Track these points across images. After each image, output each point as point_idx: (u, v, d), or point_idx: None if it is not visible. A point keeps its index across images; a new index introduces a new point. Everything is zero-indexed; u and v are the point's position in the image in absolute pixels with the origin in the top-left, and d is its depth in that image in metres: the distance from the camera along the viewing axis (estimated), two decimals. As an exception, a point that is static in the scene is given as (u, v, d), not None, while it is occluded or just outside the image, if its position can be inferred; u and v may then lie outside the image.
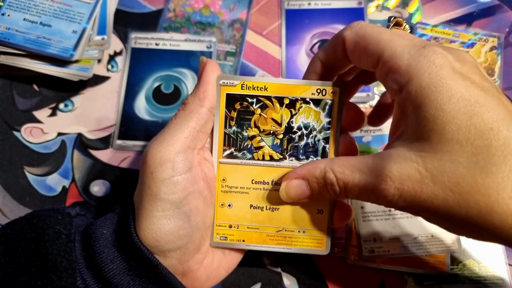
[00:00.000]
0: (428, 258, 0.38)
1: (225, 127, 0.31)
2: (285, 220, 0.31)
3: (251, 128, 0.31)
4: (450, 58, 0.24)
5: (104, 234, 0.28)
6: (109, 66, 0.46)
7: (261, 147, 0.31)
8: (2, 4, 0.45)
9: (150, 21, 0.48)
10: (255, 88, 0.30)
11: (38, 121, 0.44)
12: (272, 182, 0.31)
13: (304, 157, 0.31)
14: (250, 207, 0.32)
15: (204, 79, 0.30)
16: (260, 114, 0.31)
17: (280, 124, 0.31)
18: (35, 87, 0.46)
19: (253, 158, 0.31)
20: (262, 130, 0.31)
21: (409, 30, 0.29)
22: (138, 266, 0.27)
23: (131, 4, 0.49)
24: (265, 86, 0.30)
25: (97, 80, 0.46)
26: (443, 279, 0.38)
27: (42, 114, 0.44)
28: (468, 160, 0.22)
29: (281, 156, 0.31)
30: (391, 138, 0.27)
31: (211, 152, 0.31)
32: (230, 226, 0.31)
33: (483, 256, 0.38)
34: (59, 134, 0.44)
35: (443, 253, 0.38)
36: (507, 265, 0.38)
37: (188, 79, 0.46)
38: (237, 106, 0.31)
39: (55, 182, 0.42)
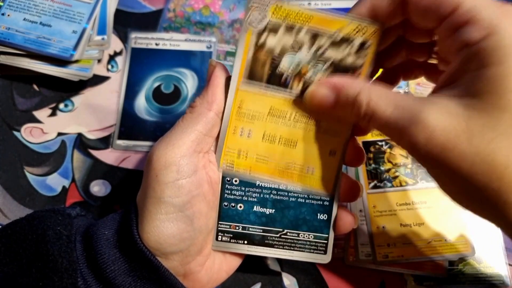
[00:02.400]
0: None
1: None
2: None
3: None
4: None
5: (106, 235, 0.28)
6: (109, 66, 0.46)
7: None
8: (2, 4, 0.45)
9: (150, 21, 0.48)
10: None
11: (38, 121, 0.44)
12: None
13: None
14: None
15: (213, 83, 0.29)
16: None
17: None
18: (35, 87, 0.46)
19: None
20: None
21: None
22: (140, 267, 0.27)
23: (131, 4, 0.49)
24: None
25: (97, 80, 0.46)
26: (443, 280, 0.38)
27: (42, 114, 0.44)
28: None
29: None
30: (437, 90, 0.26)
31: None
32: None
33: (483, 256, 0.38)
34: (59, 134, 0.44)
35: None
36: (507, 265, 0.38)
37: (188, 79, 0.46)
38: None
39: (55, 182, 0.42)
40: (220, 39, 0.47)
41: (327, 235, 0.31)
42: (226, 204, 0.31)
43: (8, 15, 0.44)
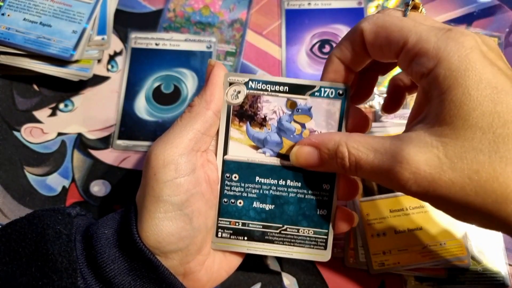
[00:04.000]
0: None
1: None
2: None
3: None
4: (479, 41, 0.23)
5: (106, 234, 0.28)
6: (109, 66, 0.46)
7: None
8: (2, 4, 0.45)
9: (150, 21, 0.48)
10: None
11: (38, 121, 0.44)
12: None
13: None
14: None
15: (211, 82, 0.29)
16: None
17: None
18: (35, 87, 0.46)
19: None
20: None
21: (425, 13, 0.28)
22: (139, 266, 0.27)
23: (131, 4, 0.49)
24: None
25: (97, 80, 0.46)
26: (443, 280, 0.38)
27: (42, 114, 0.44)
28: (489, 148, 0.22)
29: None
30: (411, 123, 0.27)
31: (216, 154, 0.31)
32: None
33: (483, 257, 0.38)
34: (59, 134, 0.44)
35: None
36: (507, 265, 0.38)
37: (188, 79, 0.46)
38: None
39: (55, 182, 0.42)
40: (220, 39, 0.47)
41: (327, 230, 0.31)
42: (226, 200, 0.31)
43: (8, 15, 0.44)
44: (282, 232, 0.31)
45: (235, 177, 0.31)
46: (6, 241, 0.28)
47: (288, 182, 0.31)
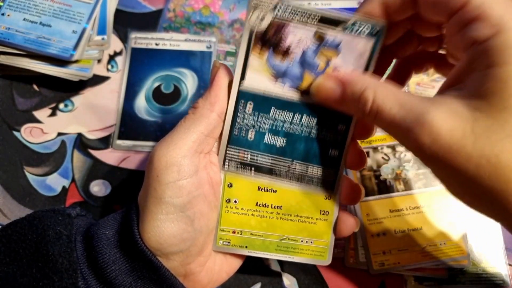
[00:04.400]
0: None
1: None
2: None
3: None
4: None
5: (107, 235, 0.28)
6: (109, 66, 0.46)
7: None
8: (2, 4, 0.45)
9: (150, 21, 0.48)
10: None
11: (38, 121, 0.44)
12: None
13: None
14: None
15: (216, 84, 0.29)
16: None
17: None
18: (35, 87, 0.46)
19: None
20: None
21: None
22: (140, 267, 0.27)
23: (131, 4, 0.49)
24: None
25: (97, 80, 0.46)
26: (443, 280, 0.38)
27: (42, 114, 0.44)
28: None
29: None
30: (445, 89, 0.25)
31: (218, 154, 0.31)
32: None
33: (483, 257, 0.38)
34: (59, 134, 0.44)
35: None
36: (507, 265, 0.38)
37: (188, 79, 0.46)
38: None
39: (55, 182, 0.42)
40: (220, 39, 0.47)
41: (336, 171, 0.30)
42: (236, 132, 0.30)
43: (8, 15, 0.44)
44: (291, 168, 0.30)
45: (249, 107, 0.29)
46: (7, 242, 0.28)
47: (304, 119, 0.29)
